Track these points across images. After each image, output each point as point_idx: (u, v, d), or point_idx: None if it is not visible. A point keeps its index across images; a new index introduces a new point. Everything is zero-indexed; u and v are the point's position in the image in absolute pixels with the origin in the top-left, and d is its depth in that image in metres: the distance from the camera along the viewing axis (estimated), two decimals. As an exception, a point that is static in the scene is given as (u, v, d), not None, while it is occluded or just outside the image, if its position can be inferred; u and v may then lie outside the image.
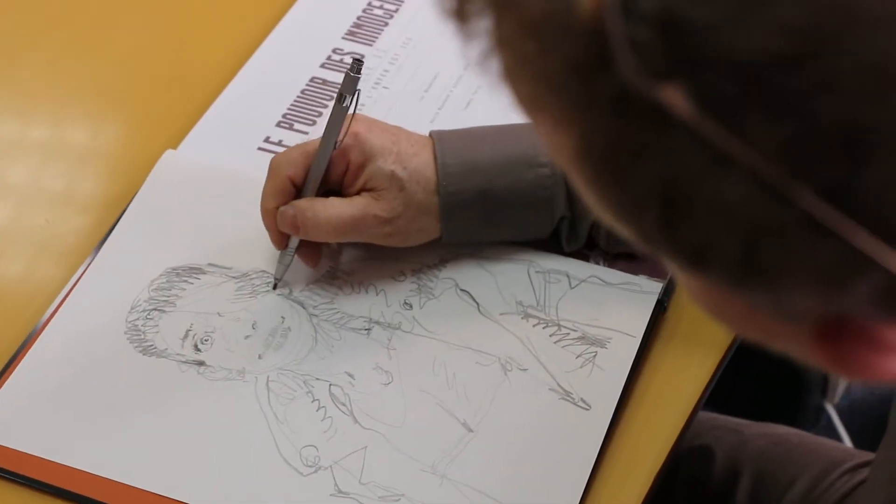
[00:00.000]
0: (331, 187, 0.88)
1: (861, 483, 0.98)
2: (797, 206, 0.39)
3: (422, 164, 0.88)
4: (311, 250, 0.90)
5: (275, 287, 0.90)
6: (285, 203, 0.87)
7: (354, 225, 0.87)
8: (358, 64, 0.85)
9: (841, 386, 1.64)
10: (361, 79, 0.85)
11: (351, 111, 0.86)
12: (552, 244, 0.92)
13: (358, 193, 0.88)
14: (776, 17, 0.38)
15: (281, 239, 0.89)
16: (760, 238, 0.40)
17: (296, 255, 0.90)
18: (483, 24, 0.43)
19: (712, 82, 0.38)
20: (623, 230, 0.45)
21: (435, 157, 0.88)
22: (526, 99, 0.44)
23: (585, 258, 0.92)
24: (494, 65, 0.44)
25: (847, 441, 1.67)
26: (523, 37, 0.42)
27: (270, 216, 0.88)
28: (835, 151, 0.38)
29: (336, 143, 0.86)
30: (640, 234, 0.44)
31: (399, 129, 0.90)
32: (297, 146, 0.89)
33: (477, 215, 0.89)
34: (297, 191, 0.88)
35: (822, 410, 1.66)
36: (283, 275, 0.90)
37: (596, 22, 0.39)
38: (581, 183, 0.45)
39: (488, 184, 0.88)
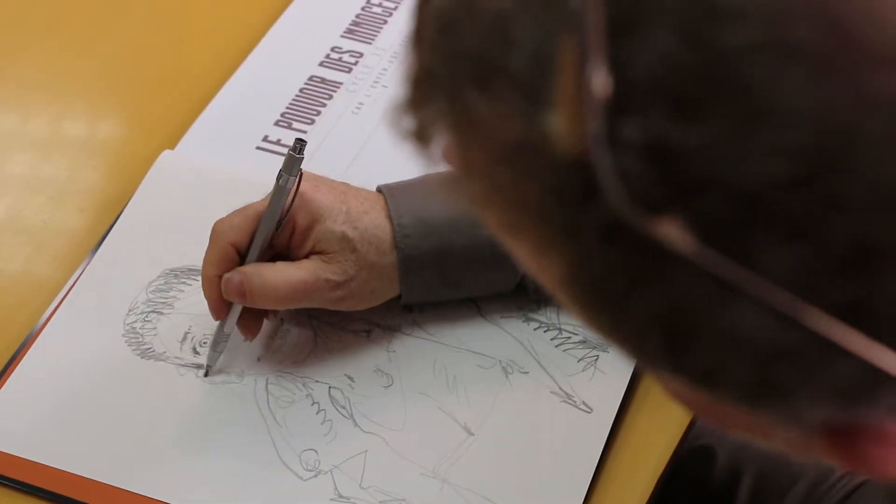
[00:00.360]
0: (278, 251, 0.84)
1: (862, 484, 0.98)
2: (809, 329, 0.37)
3: (373, 223, 0.83)
4: (250, 322, 0.85)
5: (206, 374, 0.85)
6: (228, 270, 0.83)
7: (304, 290, 0.82)
8: (300, 144, 0.81)
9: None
10: (304, 158, 0.81)
11: (293, 191, 0.82)
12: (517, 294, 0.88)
13: (307, 257, 0.83)
14: (776, 138, 0.36)
15: (221, 308, 0.83)
16: (774, 362, 0.38)
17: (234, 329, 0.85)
18: (447, 151, 0.40)
19: (711, 209, 0.36)
20: (617, 349, 0.42)
21: (389, 216, 0.84)
22: (502, 225, 0.42)
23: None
24: (464, 189, 0.41)
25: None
26: (495, 165, 0.39)
27: (213, 284, 0.83)
28: (846, 271, 0.36)
29: (280, 220, 0.82)
30: (640, 357, 0.41)
31: (346, 185, 0.86)
32: (239, 211, 0.84)
33: (436, 276, 0.85)
34: (242, 258, 0.83)
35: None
36: (216, 362, 0.85)
37: (578, 153, 0.37)
38: (568, 302, 0.42)
39: (445, 243, 0.84)
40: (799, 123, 0.36)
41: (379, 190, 0.86)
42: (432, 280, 0.85)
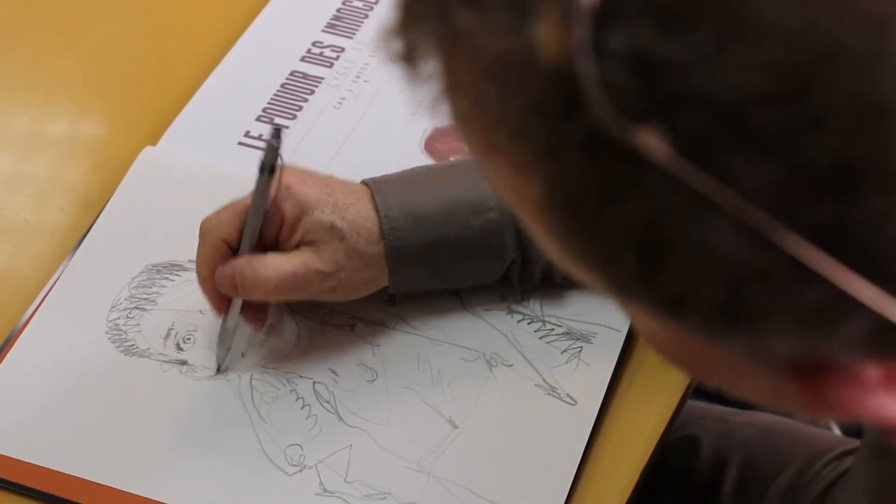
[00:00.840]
0: (268, 245, 0.84)
1: (846, 471, 0.98)
2: (782, 250, 0.37)
3: (360, 214, 0.83)
4: (255, 313, 0.85)
5: (218, 371, 0.85)
6: (219, 252, 0.83)
7: (295, 281, 0.82)
8: (277, 130, 0.80)
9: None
10: (283, 145, 0.80)
11: (277, 180, 0.81)
12: (502, 285, 0.89)
13: (296, 248, 0.83)
14: (759, 53, 0.36)
15: (221, 303, 0.84)
16: (744, 283, 0.38)
17: (240, 320, 0.85)
18: (433, 67, 0.41)
19: (691, 122, 0.37)
20: (590, 279, 0.42)
21: (376, 209, 0.84)
22: (482, 146, 0.42)
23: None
24: (446, 110, 0.42)
25: (834, 424, 1.67)
26: (480, 81, 0.39)
27: (208, 282, 0.83)
28: (822, 191, 0.37)
29: (265, 212, 0.82)
30: (613, 283, 0.41)
31: (332, 178, 0.85)
32: (227, 207, 0.84)
33: (425, 268, 0.85)
34: (233, 253, 0.83)
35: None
36: (224, 360, 0.85)
37: (563, 63, 0.37)
38: (542, 232, 0.42)
39: (435, 235, 0.84)
40: (783, 40, 0.36)
41: (364, 184, 0.86)
42: (420, 271, 0.85)
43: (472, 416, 0.83)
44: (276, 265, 0.82)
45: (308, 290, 0.83)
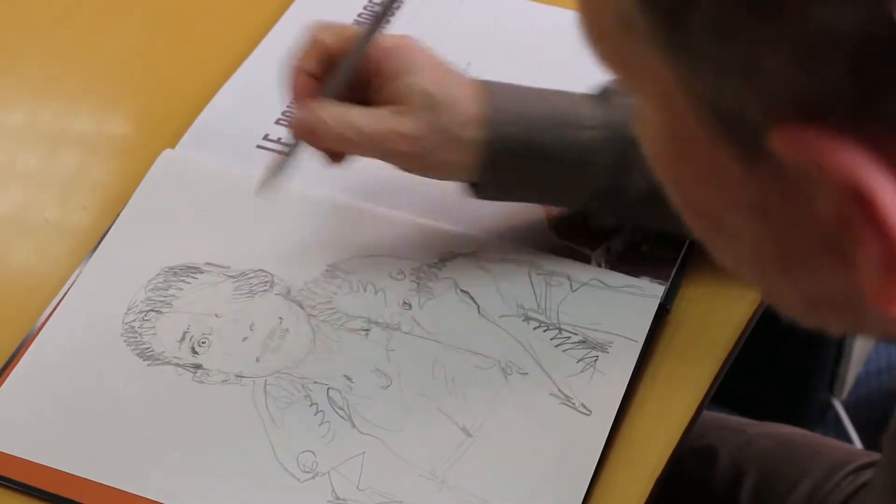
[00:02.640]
0: (356, 95, 0.83)
1: (865, 484, 0.97)
2: None
3: (462, 96, 0.82)
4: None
5: (261, 187, 0.84)
6: (316, 67, 0.83)
7: (371, 137, 0.81)
8: None
9: (849, 381, 1.64)
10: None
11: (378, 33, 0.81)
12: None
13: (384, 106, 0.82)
14: None
15: (303, 92, 0.83)
16: None
17: (318, 154, 0.84)
18: None
19: None
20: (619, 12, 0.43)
21: (479, 100, 0.82)
22: None
23: (587, 260, 0.91)
24: None
25: (854, 437, 1.67)
26: None
27: (296, 71, 0.83)
28: None
29: (360, 62, 0.81)
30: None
31: (446, 62, 0.84)
32: (343, 25, 0.84)
33: (517, 169, 0.83)
34: (322, 68, 0.83)
35: (830, 406, 1.66)
36: (272, 177, 0.84)
37: None
38: None
39: (537, 135, 0.82)
40: None
41: (476, 81, 0.85)
42: (512, 173, 0.84)
43: (486, 425, 0.83)
44: (353, 117, 0.81)
45: (382, 150, 0.82)
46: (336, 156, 0.86)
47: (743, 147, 0.42)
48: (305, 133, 0.82)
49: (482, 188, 0.86)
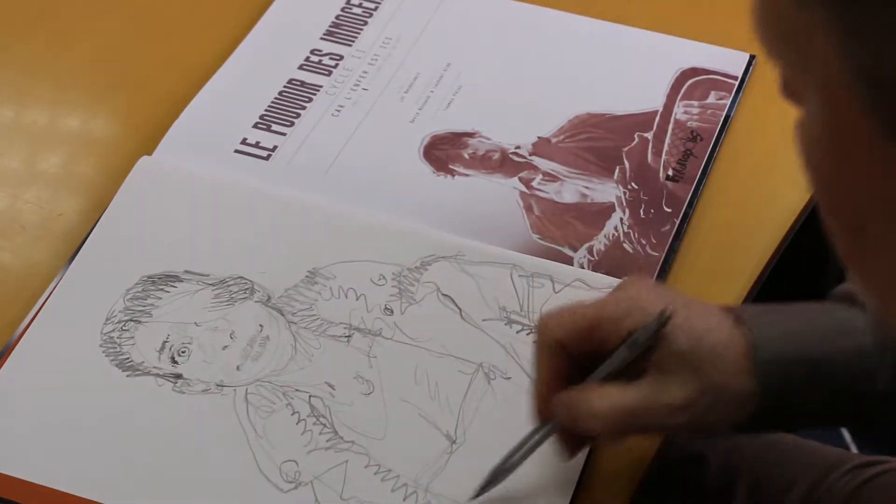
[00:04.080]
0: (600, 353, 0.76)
1: (868, 481, 0.96)
2: None
3: (719, 343, 0.73)
4: (573, 440, 0.78)
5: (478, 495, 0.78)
6: (558, 367, 0.76)
7: (633, 415, 0.73)
8: (665, 318, 0.73)
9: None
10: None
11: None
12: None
13: (639, 374, 0.75)
14: None
15: (545, 410, 0.77)
16: None
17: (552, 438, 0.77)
18: None
19: None
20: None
21: (746, 329, 0.74)
22: None
23: (570, 261, 0.90)
24: None
25: (845, 433, 1.66)
26: None
27: (541, 384, 0.77)
28: None
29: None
30: None
31: (689, 300, 0.76)
32: (569, 310, 0.76)
33: (799, 384, 0.74)
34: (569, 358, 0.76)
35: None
36: (497, 480, 0.78)
37: None
38: None
39: (810, 349, 0.73)
40: None
41: (728, 310, 0.77)
42: (797, 401, 0.75)
43: (469, 431, 0.82)
44: (613, 399, 0.74)
45: (649, 425, 0.76)
46: (578, 444, 0.78)
47: None
48: (566, 417, 0.75)
49: (758, 425, 0.77)
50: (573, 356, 0.76)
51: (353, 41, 1.06)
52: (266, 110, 1.01)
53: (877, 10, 0.41)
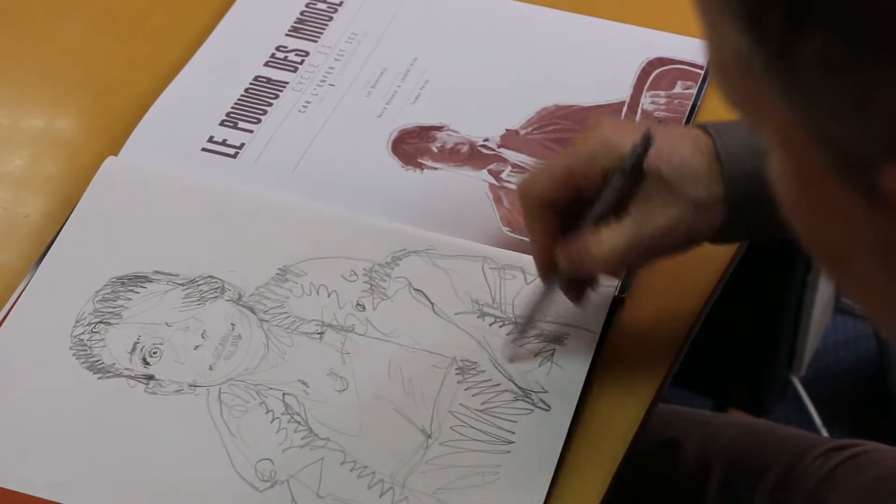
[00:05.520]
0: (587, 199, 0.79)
1: (840, 464, 0.97)
2: None
3: (685, 156, 0.77)
4: (577, 288, 0.83)
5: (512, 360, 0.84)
6: (551, 230, 0.80)
7: (632, 253, 0.78)
8: (648, 139, 0.77)
9: (807, 357, 1.65)
10: None
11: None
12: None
13: (622, 209, 0.78)
14: None
15: (547, 269, 0.81)
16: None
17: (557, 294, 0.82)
18: None
19: None
20: (729, 37, 0.43)
21: (715, 146, 0.77)
22: None
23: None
24: None
25: (814, 412, 1.67)
26: None
27: (543, 248, 0.80)
28: None
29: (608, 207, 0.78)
30: (756, 33, 0.42)
31: (650, 122, 0.80)
32: (545, 171, 0.79)
33: (764, 203, 0.80)
34: (556, 212, 0.79)
35: (789, 383, 1.66)
36: (519, 355, 0.84)
37: None
38: None
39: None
40: None
41: (690, 126, 0.81)
42: (761, 209, 0.76)
43: (445, 425, 0.82)
44: (610, 243, 0.78)
45: (647, 255, 0.80)
46: (583, 288, 0.83)
47: (863, 185, 0.43)
48: (571, 270, 0.80)
49: (732, 234, 0.81)
50: (560, 211, 0.79)
51: (319, 37, 1.05)
52: (232, 108, 1.00)
53: (819, 81, 0.41)
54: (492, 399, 0.83)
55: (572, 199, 0.79)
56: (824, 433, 1.63)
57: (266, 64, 1.03)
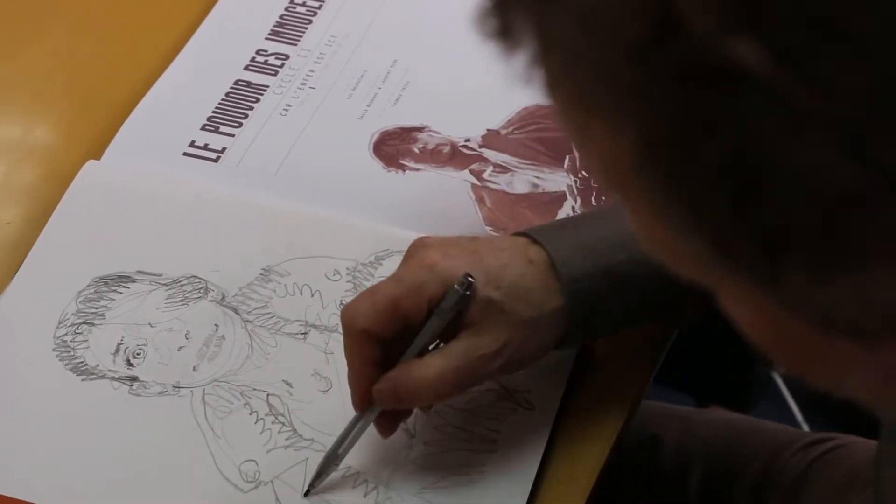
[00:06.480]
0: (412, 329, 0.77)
1: (818, 458, 0.98)
2: (879, 166, 0.37)
3: (515, 276, 0.76)
4: (389, 420, 0.79)
5: (307, 494, 0.79)
6: (370, 357, 0.76)
7: (460, 376, 0.75)
8: (470, 283, 0.75)
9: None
10: None
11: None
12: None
13: (454, 335, 0.76)
14: None
15: (365, 401, 0.77)
16: (842, 208, 0.38)
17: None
18: (528, 32, 0.42)
19: (785, 32, 0.37)
20: (689, 243, 0.42)
21: (548, 255, 0.76)
22: (576, 104, 0.42)
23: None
24: (540, 75, 0.43)
25: (796, 410, 1.68)
26: (573, 31, 0.40)
27: (359, 376, 0.77)
28: None
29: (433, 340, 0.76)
30: (710, 234, 0.41)
31: (476, 240, 0.79)
32: (366, 297, 0.77)
33: (611, 301, 0.77)
34: (379, 343, 0.76)
35: (770, 380, 1.67)
36: (319, 484, 0.79)
37: None
38: (638, 195, 0.42)
39: (609, 261, 0.77)
40: None
41: (518, 234, 0.80)
42: (601, 310, 0.78)
43: (428, 425, 0.82)
44: (437, 366, 0.75)
45: (475, 378, 0.77)
46: (396, 421, 0.80)
47: (861, 343, 0.43)
48: (392, 400, 0.77)
49: (572, 338, 0.80)
50: (383, 341, 0.76)
51: (299, 40, 1.05)
52: (213, 112, 1.00)
53: (809, 288, 0.41)
54: (476, 398, 0.84)
55: (398, 329, 0.76)
56: (806, 428, 1.64)
57: (246, 68, 1.03)
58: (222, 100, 1.01)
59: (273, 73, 1.03)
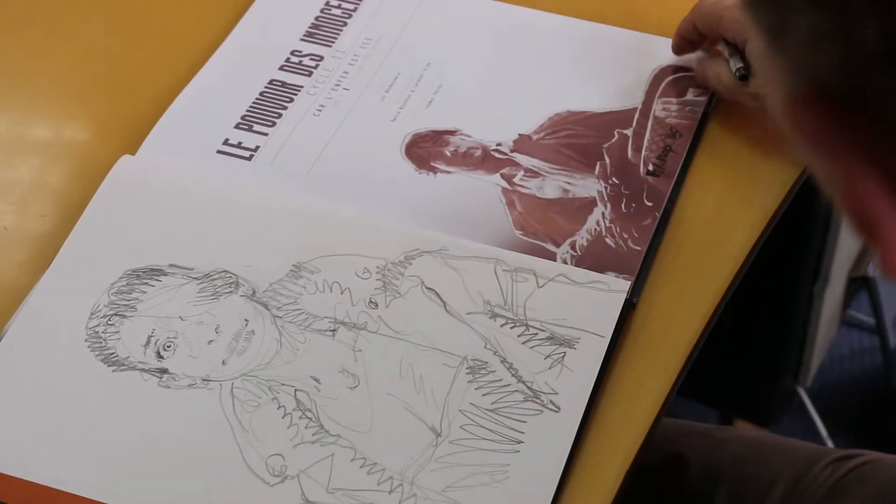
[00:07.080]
0: None
1: (847, 474, 0.97)
2: None
3: None
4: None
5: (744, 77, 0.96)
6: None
7: None
8: None
9: (813, 369, 1.65)
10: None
11: None
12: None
13: None
14: None
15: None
16: None
17: None
18: None
19: None
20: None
21: None
22: None
23: (553, 257, 0.91)
24: None
25: (820, 425, 1.68)
26: None
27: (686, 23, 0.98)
28: None
29: None
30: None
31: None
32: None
33: None
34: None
35: (795, 394, 1.67)
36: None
37: None
38: None
39: None
40: None
41: None
42: None
43: (454, 424, 0.83)
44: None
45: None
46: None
47: None
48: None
49: None
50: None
51: (333, 42, 1.06)
52: (248, 111, 1.01)
53: None
54: (502, 399, 0.84)
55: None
56: (830, 445, 1.64)
57: (281, 68, 1.04)
58: (256, 99, 1.02)
59: (307, 73, 1.04)
